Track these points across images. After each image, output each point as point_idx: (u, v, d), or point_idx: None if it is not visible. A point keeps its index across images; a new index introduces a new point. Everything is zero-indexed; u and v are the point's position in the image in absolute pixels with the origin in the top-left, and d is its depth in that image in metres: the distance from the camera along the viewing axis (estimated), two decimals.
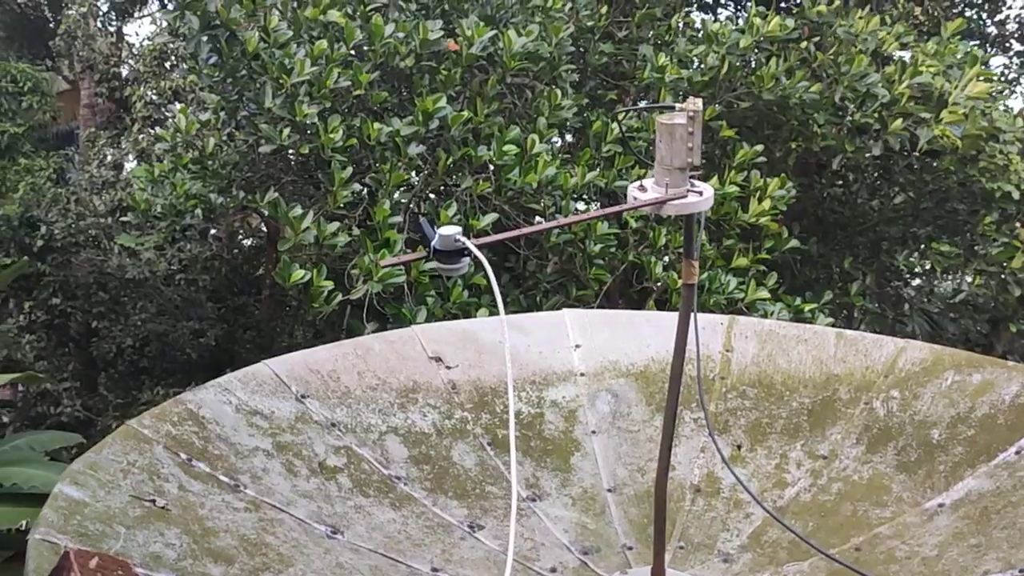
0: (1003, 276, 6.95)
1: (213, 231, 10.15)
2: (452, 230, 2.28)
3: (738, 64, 6.81)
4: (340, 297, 5.90)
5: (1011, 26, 9.85)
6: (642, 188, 2.65)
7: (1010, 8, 9.69)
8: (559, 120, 6.54)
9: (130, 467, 2.77)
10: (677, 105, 2.57)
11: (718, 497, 3.35)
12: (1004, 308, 7.29)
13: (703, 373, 3.75)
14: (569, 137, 7.75)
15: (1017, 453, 3.08)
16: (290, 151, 6.59)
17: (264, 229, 9.96)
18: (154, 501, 2.70)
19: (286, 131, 6.17)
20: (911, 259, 8.10)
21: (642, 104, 7.35)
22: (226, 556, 2.67)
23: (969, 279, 7.16)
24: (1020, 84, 9.99)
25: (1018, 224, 7.07)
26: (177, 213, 7.31)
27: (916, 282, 9.69)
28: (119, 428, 2.94)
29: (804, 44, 7.27)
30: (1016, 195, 7.01)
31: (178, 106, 7.46)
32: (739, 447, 3.50)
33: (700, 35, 7.17)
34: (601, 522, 3.30)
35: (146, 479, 2.75)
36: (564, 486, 3.44)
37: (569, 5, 7.00)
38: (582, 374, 3.80)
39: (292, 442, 3.28)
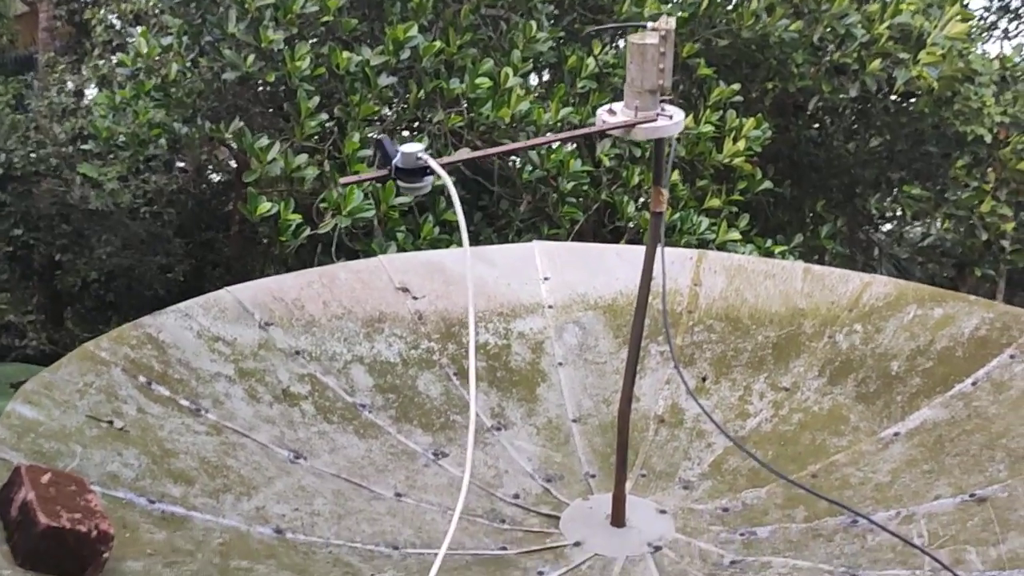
0: (971, 220, 7.02)
1: (180, 164, 9.97)
2: (414, 147, 2.25)
3: (719, 0, 6.73)
4: (308, 231, 5.85)
5: None
6: (611, 112, 2.63)
7: None
8: (534, 53, 6.46)
9: (87, 388, 2.75)
10: (649, 24, 2.53)
11: (681, 428, 3.40)
12: (971, 252, 7.38)
13: (670, 307, 3.78)
14: (545, 76, 7.66)
15: (973, 384, 3.15)
16: (257, 80, 6.46)
17: (233, 163, 9.81)
18: (111, 422, 2.69)
19: (251, 58, 6.04)
20: (883, 203, 8.15)
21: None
22: (186, 477, 2.67)
23: (939, 224, 7.22)
24: (997, 28, 9.98)
25: (989, 169, 7.12)
26: (140, 143, 7.17)
27: (887, 227, 9.78)
28: (75, 350, 2.91)
29: None
30: (988, 139, 7.04)
31: (139, 30, 7.24)
32: (704, 379, 3.54)
33: None
34: (565, 451, 3.34)
35: (103, 400, 2.74)
36: (529, 416, 3.47)
37: None
38: (550, 306, 3.81)
39: (255, 369, 3.27)
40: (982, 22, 9.03)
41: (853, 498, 2.83)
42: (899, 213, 8.83)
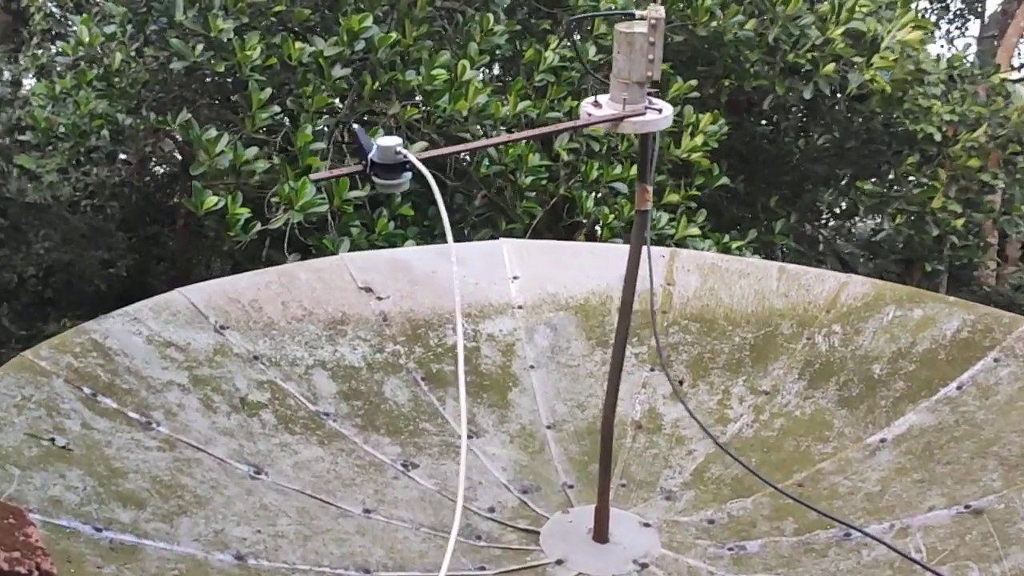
0: (924, 216, 7.00)
1: (123, 156, 9.50)
2: (392, 141, 2.02)
3: None
4: (259, 227, 5.54)
5: None
6: (596, 104, 2.42)
7: None
8: (491, 46, 6.23)
9: (25, 402, 2.45)
10: (637, 12, 2.33)
11: (660, 434, 3.22)
12: (920, 248, 7.37)
13: (644, 306, 3.59)
14: (496, 69, 7.43)
15: (959, 388, 3.02)
16: (205, 70, 6.11)
17: (179, 155, 9.38)
18: (53, 440, 2.40)
19: (199, 47, 5.70)
20: (833, 199, 8.11)
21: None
22: (136, 499, 2.40)
23: (890, 220, 7.19)
24: (939, 28, 10.04)
25: (939, 166, 7.11)
26: (81, 134, 6.78)
27: (831, 223, 9.78)
28: (12, 360, 2.61)
29: None
30: (938, 137, 7.03)
31: (80, 18, 6.81)
32: (681, 382, 3.37)
33: None
34: (540, 460, 3.13)
35: (44, 415, 2.45)
36: (502, 423, 3.26)
37: None
38: (520, 307, 3.60)
39: (211, 376, 3.00)
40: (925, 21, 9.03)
41: (843, 509, 2.68)
42: (844, 208, 8.82)
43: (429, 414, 3.22)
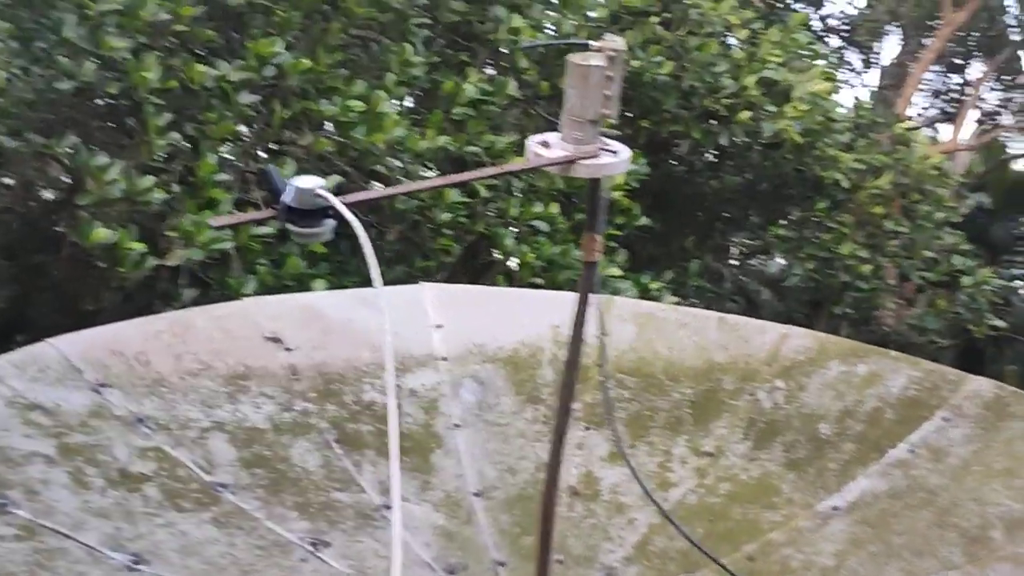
0: (832, 261, 6.97)
1: (6, 180, 8.70)
2: (312, 182, 1.65)
3: (594, 34, 6.38)
4: (154, 262, 5.01)
5: (832, 21, 10.04)
6: (545, 144, 2.11)
7: (834, 3, 9.87)
8: (409, 77, 5.88)
9: None
10: (592, 42, 2.03)
11: (598, 501, 2.90)
12: (828, 291, 7.35)
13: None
14: (408, 102, 7.10)
15: (910, 451, 2.81)
16: (96, 91, 5.56)
17: (69, 180, 8.67)
18: None
19: (90, 66, 5.16)
20: (747, 241, 8.05)
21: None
22: None
23: (800, 263, 7.14)
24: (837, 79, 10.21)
25: (846, 213, 7.11)
26: None
27: (738, 261, 9.77)
28: None
29: (652, 19, 6.96)
30: (845, 184, 7.03)
31: None
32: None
33: (556, 0, 6.69)
34: (468, 532, 2.76)
35: None
36: (424, 490, 2.87)
37: None
38: (444, 358, 3.23)
39: (84, 444, 2.52)
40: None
41: None
42: (752, 246, 8.80)
43: (343, 482, 2.81)
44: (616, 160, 2.08)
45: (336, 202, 1.65)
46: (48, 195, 9.79)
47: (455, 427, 3.05)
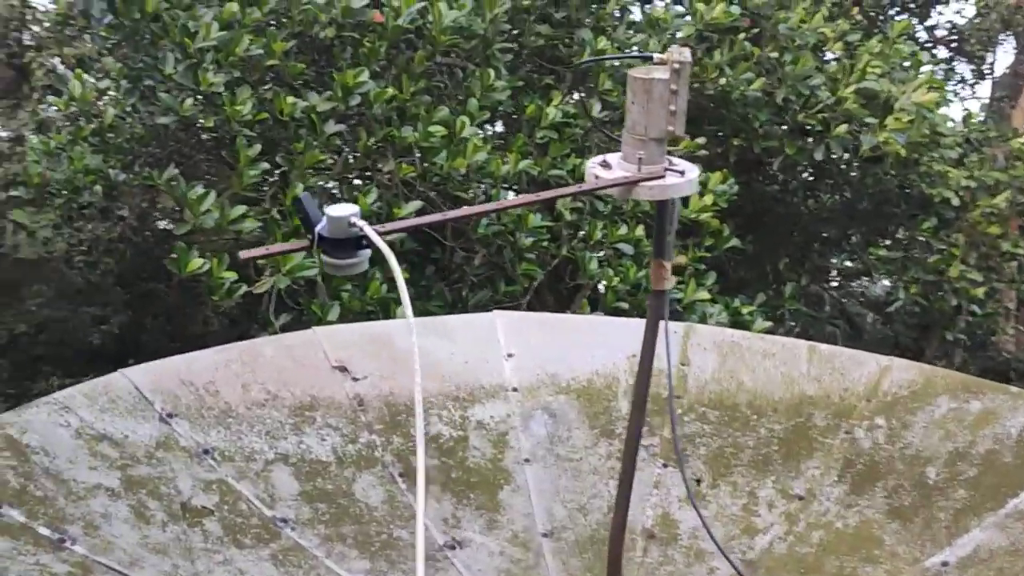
0: (941, 284, 6.46)
1: (121, 212, 9.06)
2: (345, 210, 1.52)
3: None
4: (244, 289, 5.04)
5: (940, 32, 9.46)
6: (605, 165, 1.92)
7: (940, 14, 9.29)
8: (492, 102, 5.77)
9: None
10: (655, 55, 1.84)
11: (675, 545, 2.66)
12: (939, 315, 6.81)
13: (654, 390, 3.06)
14: (499, 126, 7.00)
15: None
16: (195, 125, 5.68)
17: (179, 210, 8.95)
18: None
19: (188, 101, 5.26)
20: (847, 262, 7.58)
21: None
22: None
23: (904, 288, 6.64)
24: (947, 91, 9.60)
25: (957, 232, 6.59)
26: (74, 189, 6.41)
27: (839, 284, 9.25)
28: None
29: (742, 36, 6.65)
30: (955, 202, 6.52)
31: (74, 72, 6.45)
32: (699, 481, 2.81)
33: (641, 21, 6.48)
34: None
35: None
36: (490, 529, 2.70)
37: None
38: (515, 389, 3.06)
39: (148, 476, 2.46)
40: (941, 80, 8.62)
41: None
42: (853, 268, 8.30)
43: (407, 519, 2.67)
44: (683, 181, 1.88)
45: (370, 231, 1.51)
46: (163, 225, 10.17)
47: (524, 462, 2.87)
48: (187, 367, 2.83)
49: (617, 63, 5.73)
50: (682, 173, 1.90)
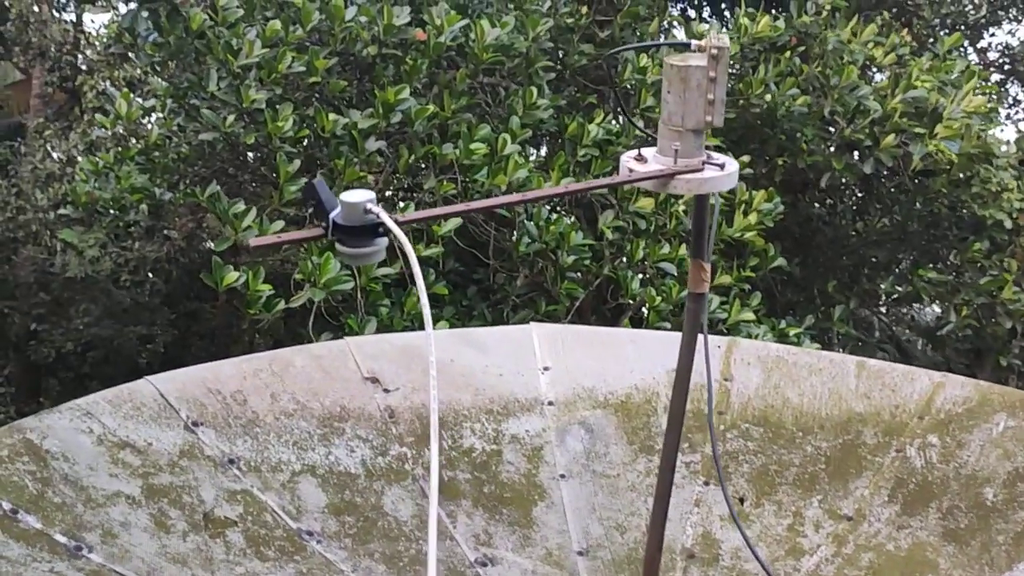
0: (994, 307, 6.20)
1: (168, 231, 9.18)
2: (361, 196, 1.44)
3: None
4: (283, 304, 5.02)
5: (992, 54, 9.20)
6: (640, 158, 1.83)
7: (993, 35, 9.04)
8: (534, 120, 5.72)
9: None
10: (693, 42, 1.75)
11: (717, 566, 2.51)
12: (992, 340, 6.54)
13: (694, 405, 2.93)
14: (543, 150, 6.95)
15: None
16: (238, 142, 5.71)
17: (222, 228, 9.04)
18: None
19: (231, 118, 5.30)
20: (896, 286, 7.33)
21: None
22: None
23: (956, 311, 6.39)
24: (1000, 113, 9.33)
25: (1009, 255, 6.34)
26: (121, 208, 6.47)
27: (889, 309, 8.97)
28: None
29: (788, 54, 6.52)
30: (1008, 224, 6.28)
31: (121, 92, 6.55)
32: (742, 500, 2.67)
33: (687, 38, 6.39)
34: None
35: None
36: (524, 546, 2.58)
37: (548, 3, 6.20)
38: (550, 403, 2.95)
39: (171, 485, 2.40)
40: (995, 100, 8.38)
41: None
42: (903, 293, 8.04)
43: (438, 533, 2.56)
44: (722, 175, 1.77)
45: (387, 218, 1.44)
46: (210, 245, 10.28)
47: (560, 478, 2.76)
48: (214, 375, 2.78)
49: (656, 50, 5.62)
50: (721, 166, 1.80)
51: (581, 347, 3.20)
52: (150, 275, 8.48)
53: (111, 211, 6.63)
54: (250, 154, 6.47)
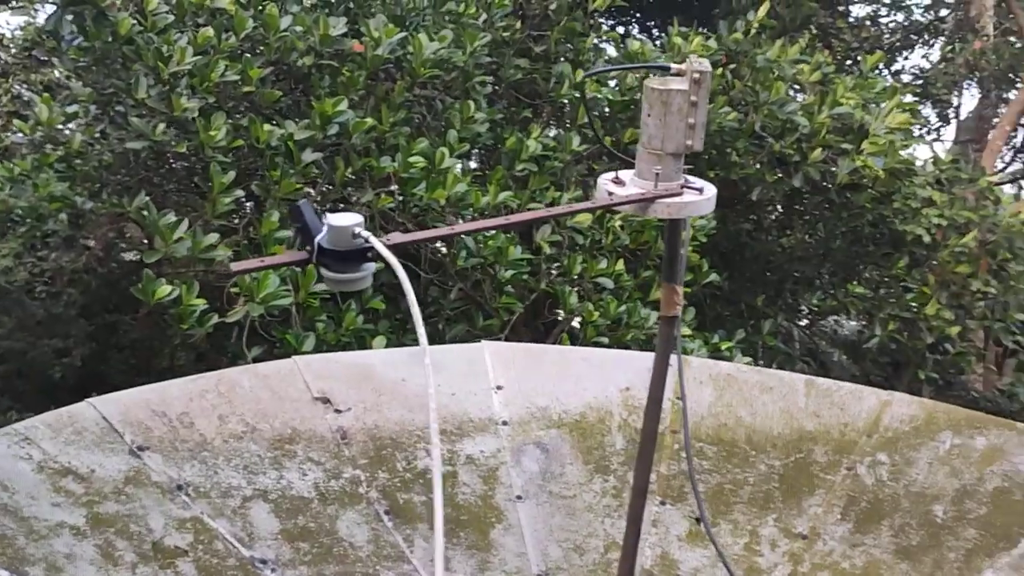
0: (916, 322, 6.45)
1: (87, 241, 8.79)
2: (349, 219, 1.39)
3: None
4: (216, 319, 4.84)
5: (906, 77, 9.62)
6: (618, 181, 1.82)
7: (907, 58, 9.45)
8: (472, 134, 5.69)
9: None
10: (673, 65, 1.74)
11: None
12: (912, 353, 6.80)
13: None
14: (472, 163, 6.92)
15: None
16: (168, 151, 5.50)
17: (146, 241, 8.70)
18: None
19: (161, 126, 5.10)
20: (823, 301, 7.55)
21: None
22: None
23: (881, 325, 6.63)
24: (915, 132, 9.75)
25: (927, 271, 6.60)
26: (38, 217, 6.15)
27: (807, 322, 9.25)
28: None
29: (720, 71, 6.67)
30: (927, 239, 6.54)
31: (40, 97, 6.24)
32: (698, 520, 2.68)
33: (619, 55, 6.48)
34: None
35: None
36: (483, 570, 2.54)
37: (484, 16, 6.19)
38: (505, 423, 2.92)
39: (117, 513, 2.27)
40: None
41: None
42: (820, 306, 8.29)
43: (393, 558, 2.50)
44: (701, 199, 1.77)
45: (377, 243, 1.38)
46: (129, 256, 9.89)
47: (516, 499, 2.72)
48: (159, 397, 2.65)
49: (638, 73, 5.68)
50: (700, 190, 1.80)
51: (533, 366, 3.18)
52: (67, 286, 8.09)
53: (27, 220, 6.30)
54: (175, 163, 6.25)
